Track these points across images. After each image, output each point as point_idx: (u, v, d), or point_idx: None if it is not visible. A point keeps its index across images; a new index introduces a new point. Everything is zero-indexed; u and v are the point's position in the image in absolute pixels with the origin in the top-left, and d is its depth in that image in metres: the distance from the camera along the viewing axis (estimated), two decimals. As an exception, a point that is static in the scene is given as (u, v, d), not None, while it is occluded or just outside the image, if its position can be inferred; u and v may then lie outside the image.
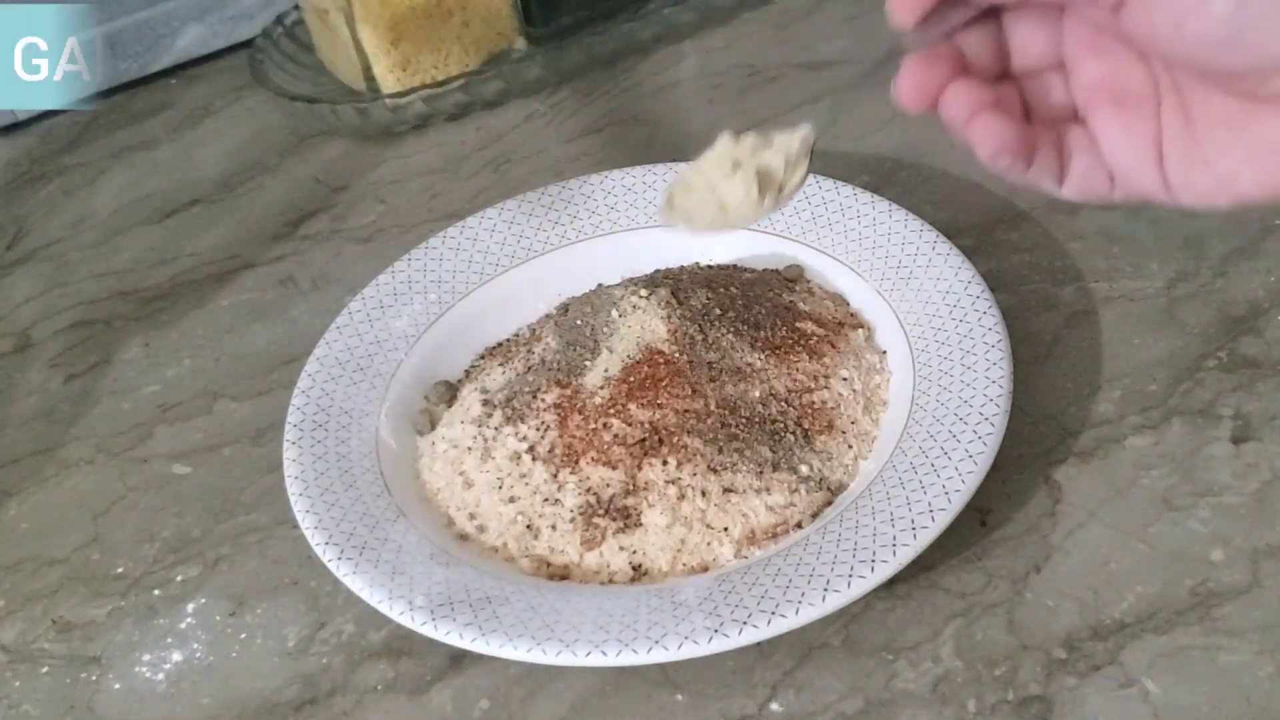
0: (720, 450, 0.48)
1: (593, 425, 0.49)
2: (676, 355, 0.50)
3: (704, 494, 0.47)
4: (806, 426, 0.49)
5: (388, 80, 0.75)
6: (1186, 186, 0.33)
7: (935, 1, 0.33)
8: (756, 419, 0.49)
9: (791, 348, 0.51)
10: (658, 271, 0.57)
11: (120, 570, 0.52)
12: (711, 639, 0.41)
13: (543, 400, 0.50)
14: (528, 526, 0.48)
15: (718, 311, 0.52)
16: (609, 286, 0.57)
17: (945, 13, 0.33)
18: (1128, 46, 0.33)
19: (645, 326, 0.51)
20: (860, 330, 0.54)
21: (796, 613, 0.41)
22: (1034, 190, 0.35)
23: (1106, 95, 0.34)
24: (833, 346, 0.52)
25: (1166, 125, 0.33)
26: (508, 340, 0.58)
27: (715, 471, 0.47)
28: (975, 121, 0.33)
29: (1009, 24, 0.35)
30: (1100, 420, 0.50)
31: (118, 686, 0.48)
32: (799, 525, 0.47)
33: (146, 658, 0.48)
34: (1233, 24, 0.28)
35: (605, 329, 0.52)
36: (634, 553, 0.46)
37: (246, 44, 0.84)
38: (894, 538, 0.43)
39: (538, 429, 0.50)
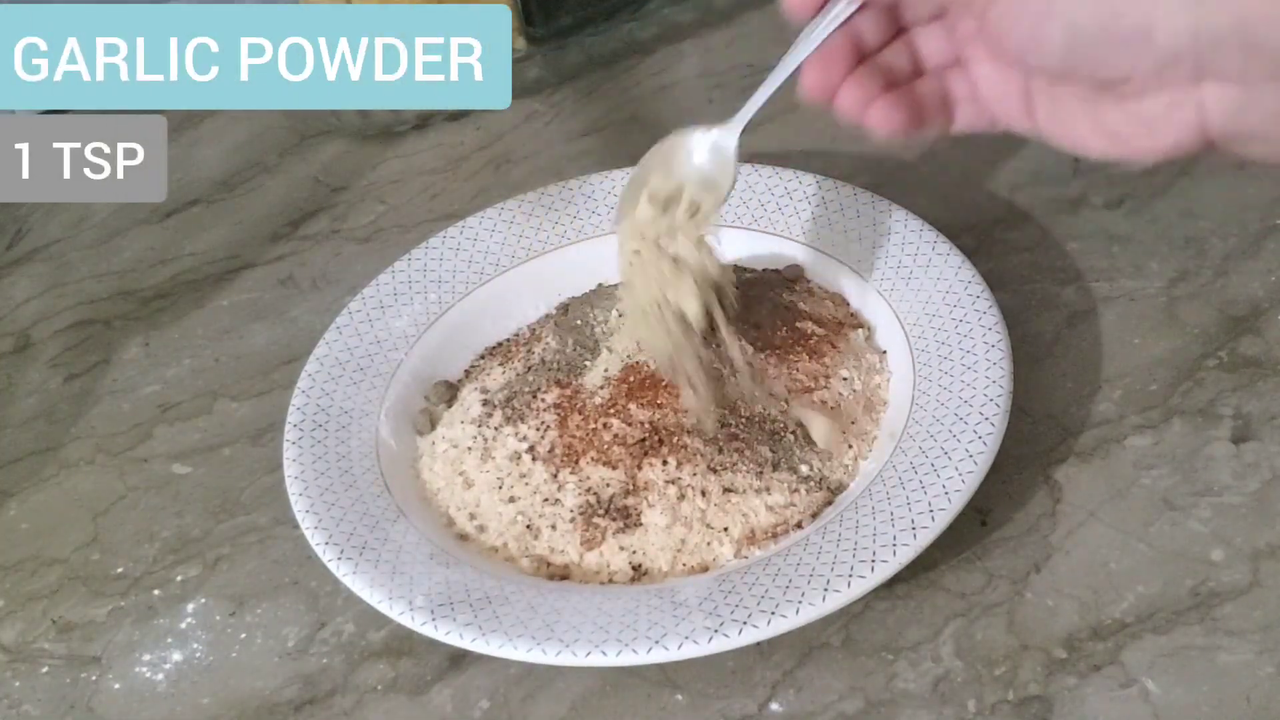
0: (720, 450, 0.48)
1: (593, 425, 0.49)
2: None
3: (704, 494, 0.47)
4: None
5: (388, 80, 0.75)
6: (1054, 137, 0.37)
7: None
8: (756, 419, 0.49)
9: (791, 348, 0.51)
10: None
11: (120, 570, 0.52)
12: (711, 639, 0.41)
13: (543, 400, 0.50)
14: (528, 526, 0.48)
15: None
16: (609, 286, 0.57)
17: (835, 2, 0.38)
18: None
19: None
20: (860, 330, 0.54)
21: (796, 613, 0.41)
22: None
23: (984, 48, 0.38)
24: (833, 346, 0.52)
25: (1035, 84, 0.37)
26: (508, 340, 0.58)
27: (715, 471, 0.47)
28: (870, 112, 0.38)
29: None
30: (1100, 420, 0.50)
31: (118, 686, 0.48)
32: (799, 525, 0.47)
33: (146, 658, 0.48)
34: (1067, 56, 0.34)
35: (605, 329, 0.52)
36: (634, 553, 0.46)
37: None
38: (894, 538, 0.43)
39: (538, 429, 0.50)
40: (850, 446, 0.49)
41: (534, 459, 0.49)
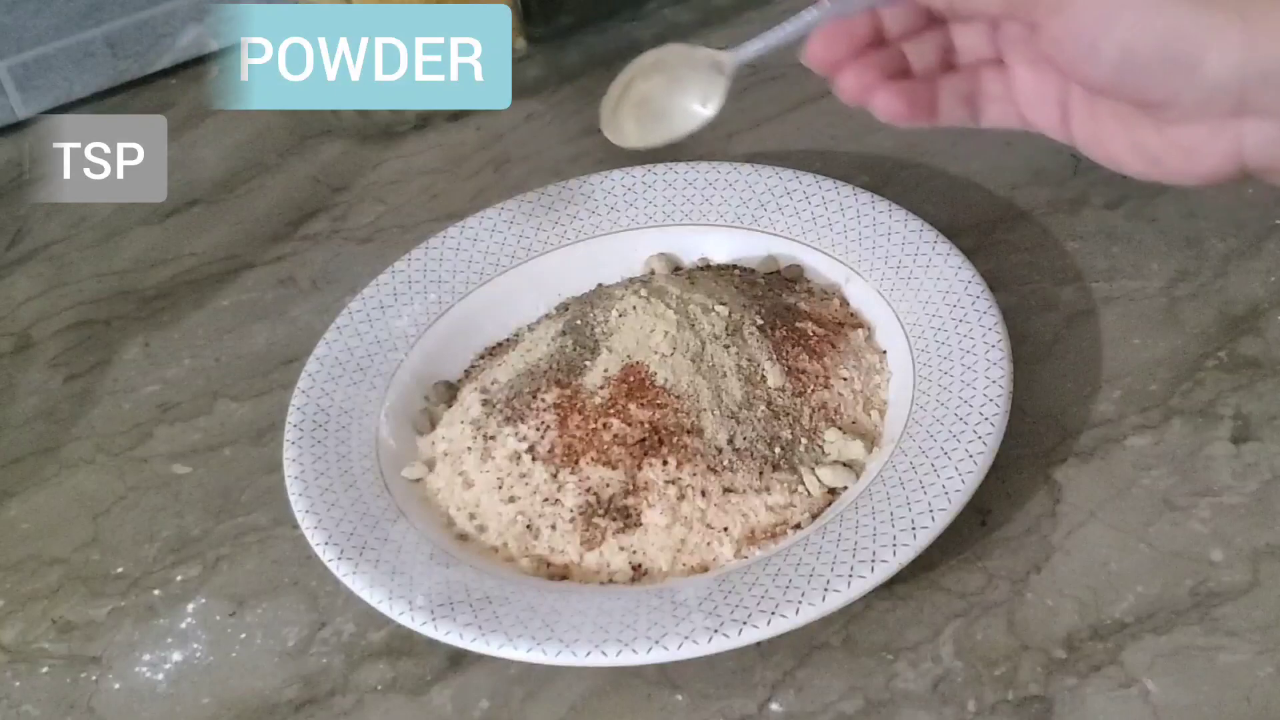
0: (720, 450, 0.47)
1: (592, 425, 0.49)
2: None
3: (704, 494, 0.47)
4: (806, 426, 0.49)
5: (388, 80, 0.75)
6: (1088, 151, 0.37)
7: None
8: (765, 435, 0.49)
9: (791, 348, 0.51)
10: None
11: (120, 570, 0.52)
12: (711, 639, 0.41)
13: (543, 400, 0.50)
14: (528, 526, 0.48)
15: (718, 311, 0.52)
16: (609, 286, 0.57)
17: None
18: None
19: (645, 326, 0.51)
20: (860, 330, 0.54)
21: (796, 613, 0.41)
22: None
23: (1025, 53, 0.38)
24: (833, 346, 0.52)
25: (1073, 96, 0.37)
26: (507, 340, 0.58)
27: (715, 471, 0.47)
28: (873, 98, 0.38)
29: None
30: (1100, 420, 0.50)
31: (118, 686, 0.48)
32: (799, 525, 0.47)
33: (146, 658, 0.48)
34: (1115, 75, 0.33)
35: (605, 329, 0.52)
36: (634, 553, 0.46)
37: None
38: (894, 538, 0.43)
39: (538, 429, 0.50)
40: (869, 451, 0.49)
41: (534, 459, 0.49)
